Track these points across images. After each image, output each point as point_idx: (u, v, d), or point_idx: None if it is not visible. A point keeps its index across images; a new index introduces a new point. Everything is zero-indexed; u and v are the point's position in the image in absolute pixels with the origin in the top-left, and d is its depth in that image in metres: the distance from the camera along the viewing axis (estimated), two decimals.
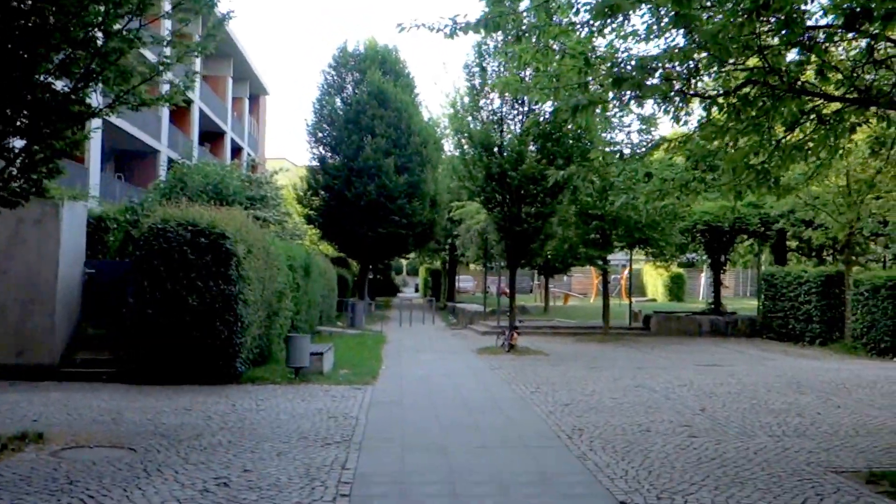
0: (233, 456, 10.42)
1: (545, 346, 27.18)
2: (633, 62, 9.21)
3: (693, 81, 9.67)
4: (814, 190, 27.98)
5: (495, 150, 25.38)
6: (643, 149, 12.38)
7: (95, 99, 12.03)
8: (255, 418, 13.13)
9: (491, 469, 10.00)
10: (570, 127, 24.77)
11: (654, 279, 66.86)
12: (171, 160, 31.46)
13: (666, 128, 52.27)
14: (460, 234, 39.95)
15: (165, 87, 13.76)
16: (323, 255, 41.16)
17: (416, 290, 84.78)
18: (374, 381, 17.95)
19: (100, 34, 10.94)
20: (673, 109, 10.97)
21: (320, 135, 43.67)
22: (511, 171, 24.84)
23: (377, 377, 18.75)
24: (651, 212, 20.57)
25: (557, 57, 10.24)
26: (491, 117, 25.96)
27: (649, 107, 10.93)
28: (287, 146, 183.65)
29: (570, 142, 24.96)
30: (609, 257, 33.91)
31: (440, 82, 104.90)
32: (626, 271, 58.06)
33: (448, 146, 53.65)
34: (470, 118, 26.02)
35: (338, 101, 44.06)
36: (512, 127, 25.97)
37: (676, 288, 63.59)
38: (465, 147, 26.18)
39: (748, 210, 33.30)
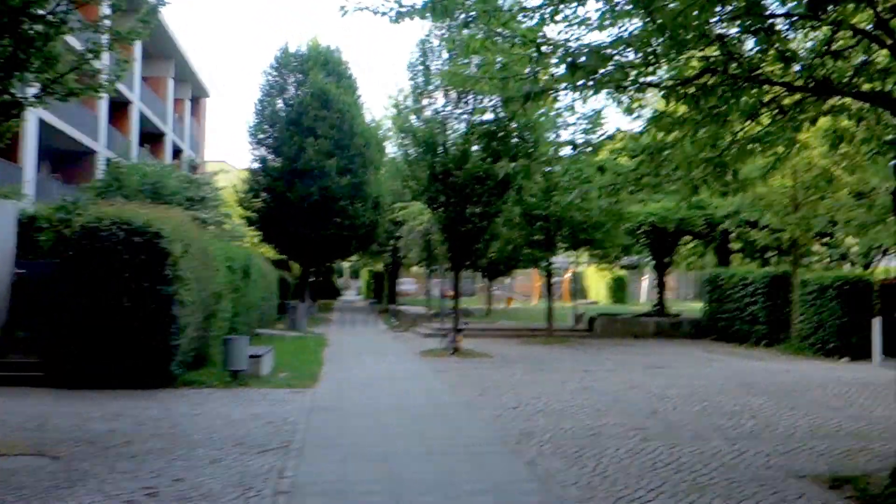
0: (164, 464, 9.80)
1: (490, 349, 26.76)
2: (586, 50, 8.76)
3: (650, 69, 9.24)
4: (759, 191, 27.92)
5: (439, 149, 24.87)
6: (592, 145, 11.88)
7: (21, 90, 11.38)
8: (190, 424, 12.49)
9: (437, 477, 9.48)
10: (514, 125, 24.42)
11: (597, 281, 66.95)
12: (109, 161, 30.51)
13: (612, 126, 51.97)
14: (403, 236, 39.51)
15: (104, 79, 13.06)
16: (264, 257, 40.47)
17: (359, 293, 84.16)
18: (314, 385, 17.37)
19: (24, 18, 10.32)
20: (628, 101, 10.58)
21: (261, 136, 43.02)
22: (455, 171, 24.37)
23: (318, 381, 18.17)
24: (604, 207, 20.27)
25: (507, 45, 9.76)
26: (434, 116, 25.46)
27: (601, 99, 10.48)
28: (229, 149, 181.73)
29: (515, 141, 24.50)
30: (552, 259, 33.67)
31: (383, 84, 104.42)
32: (569, 273, 58.11)
33: (391, 148, 53.47)
34: (413, 117, 25.49)
35: (279, 103, 43.45)
36: (456, 126, 25.49)
37: (619, 290, 63.75)
38: (409, 147, 25.62)
39: (693, 212, 33.09)
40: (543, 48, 9.31)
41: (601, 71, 8.82)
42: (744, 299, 30.31)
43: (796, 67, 9.68)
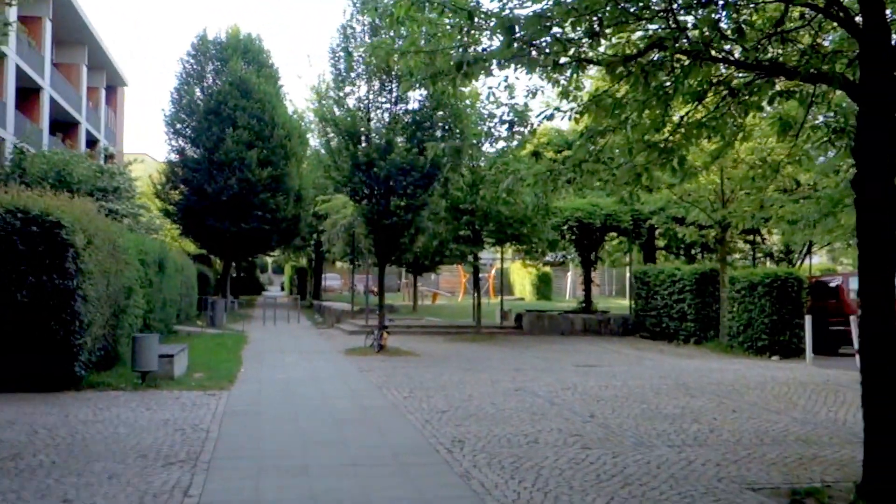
0: (53, 481, 8.74)
1: (416, 347, 25.94)
2: (524, 17, 7.93)
3: (591, 42, 8.46)
4: (686, 187, 27.59)
5: (362, 139, 23.95)
6: (528, 126, 11.05)
7: None
8: (90, 432, 11.41)
9: (361, 492, 8.57)
10: (440, 114, 23.64)
11: (522, 278, 66.53)
12: (15, 147, 28.91)
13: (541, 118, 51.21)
14: (326, 230, 38.34)
15: None
16: (183, 251, 39.16)
17: (282, 289, 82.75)
18: (230, 387, 16.33)
19: None
20: (565, 81, 9.82)
21: (179, 126, 41.45)
22: (379, 161, 23.46)
23: (235, 381, 17.13)
24: (534, 201, 19.59)
25: (435, 14, 8.92)
26: (357, 105, 24.51)
27: (535, 79, 9.66)
28: (149, 142, 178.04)
29: (441, 132, 23.73)
30: (479, 255, 33.09)
31: (304, 76, 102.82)
32: (494, 270, 57.69)
33: (314, 141, 52.34)
34: (335, 106, 24.49)
35: (197, 91, 41.90)
36: (380, 115, 24.58)
37: (544, 286, 63.36)
38: (331, 137, 24.61)
39: (619, 207, 32.79)
40: (476, 18, 8.49)
41: (539, 41, 8.03)
42: (672, 296, 30.00)
43: (746, 47, 9.02)
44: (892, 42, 8.43)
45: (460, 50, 9.01)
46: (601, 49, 9.21)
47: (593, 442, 11.38)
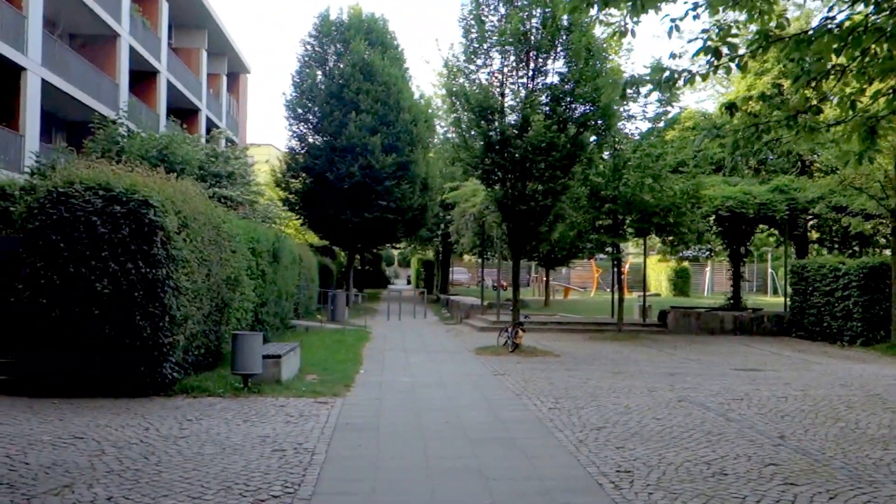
0: None
1: (554, 346, 23.54)
2: None
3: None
4: (847, 172, 24.59)
5: (496, 115, 21.48)
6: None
7: None
8: (169, 452, 9.29)
9: None
10: (585, 90, 21.05)
11: (658, 273, 63.39)
12: (112, 124, 27.08)
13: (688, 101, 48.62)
14: (454, 220, 36.04)
15: None
16: (305, 242, 37.45)
17: (408, 283, 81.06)
18: (346, 392, 14.16)
19: None
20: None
21: (300, 111, 39.58)
22: (515, 140, 20.96)
23: (352, 386, 14.96)
24: (740, 160, 16.97)
25: None
26: (490, 79, 22.02)
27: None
28: (273, 132, 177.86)
29: (585, 106, 21.13)
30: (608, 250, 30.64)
31: (432, 61, 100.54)
32: (628, 265, 54.88)
33: (441, 128, 50.21)
34: (464, 80, 22.06)
35: (319, 75, 39.96)
36: (515, 89, 22.05)
37: (681, 282, 60.09)
38: (461, 113, 22.16)
39: (773, 195, 29.89)
40: None
41: None
42: (835, 293, 27.09)
43: None
44: None
45: None
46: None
47: (796, 474, 8.81)
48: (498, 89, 21.79)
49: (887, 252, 32.31)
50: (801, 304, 29.16)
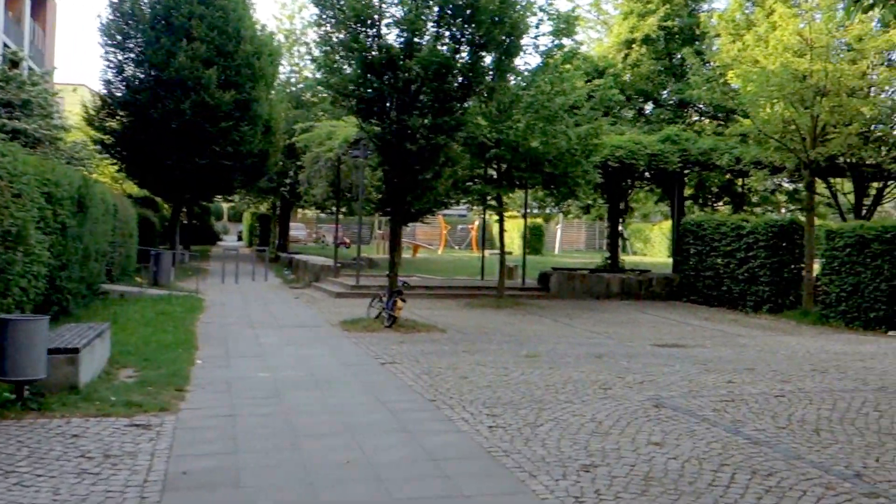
0: None
1: (431, 316, 19.68)
2: None
3: None
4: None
5: (375, 28, 16.83)
6: None
7: None
8: None
9: None
10: None
11: (510, 230, 60.58)
12: None
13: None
14: (305, 166, 31.13)
15: None
16: (122, 193, 31.88)
17: (240, 238, 75.34)
18: (179, 403, 9.47)
19: None
20: None
21: (119, 37, 33.30)
22: (402, 60, 16.39)
23: (186, 389, 10.27)
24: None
25: None
26: None
27: None
28: (88, 73, 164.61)
29: (490, 21, 16.69)
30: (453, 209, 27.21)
31: None
32: (477, 221, 52.97)
33: (285, 67, 45.03)
34: None
35: None
36: None
37: (535, 239, 57.45)
38: (330, 28, 17.36)
39: (665, 146, 27.15)
40: None
41: None
42: (737, 254, 24.57)
43: None
44: None
45: None
46: None
47: None
48: None
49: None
50: (696, 265, 26.51)
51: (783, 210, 37.84)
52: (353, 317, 18.51)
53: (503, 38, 16.97)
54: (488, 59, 17.70)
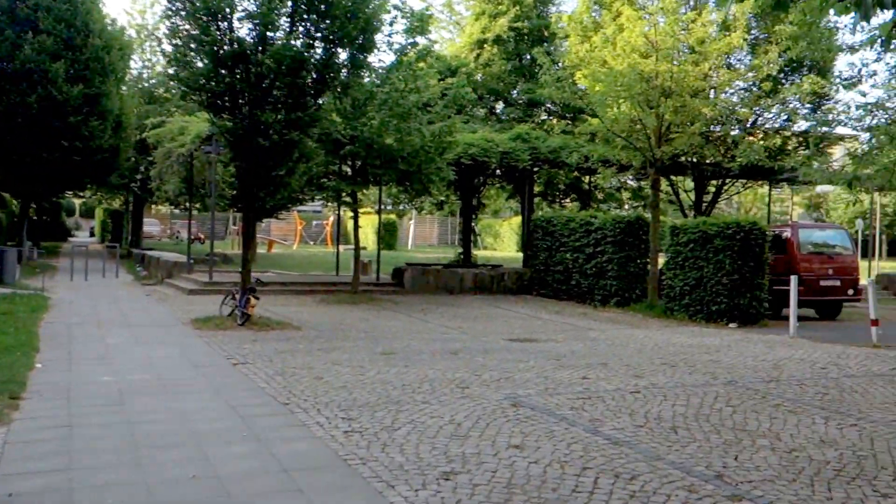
0: None
1: (286, 313, 19.60)
2: None
3: None
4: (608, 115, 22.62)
5: (226, 21, 16.71)
6: None
7: None
8: None
9: None
10: None
11: (364, 226, 60.78)
12: None
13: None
14: (157, 162, 30.56)
15: None
16: None
17: (92, 234, 73.30)
18: (12, 413, 9.00)
19: None
20: None
21: None
22: (254, 54, 16.30)
23: (22, 396, 9.81)
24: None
25: None
26: None
27: None
28: None
29: (344, 16, 16.76)
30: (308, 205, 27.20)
31: None
32: (332, 217, 53.81)
33: (137, 62, 44.00)
34: None
35: None
36: None
37: (388, 235, 57.95)
38: (180, 21, 17.12)
39: (515, 144, 27.70)
40: None
41: None
42: (585, 249, 25.14)
43: None
44: None
45: None
46: None
47: None
48: None
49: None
50: (546, 260, 27.08)
51: (627, 206, 39.21)
52: (205, 314, 18.18)
53: (357, 34, 17.07)
54: (343, 55, 17.75)
